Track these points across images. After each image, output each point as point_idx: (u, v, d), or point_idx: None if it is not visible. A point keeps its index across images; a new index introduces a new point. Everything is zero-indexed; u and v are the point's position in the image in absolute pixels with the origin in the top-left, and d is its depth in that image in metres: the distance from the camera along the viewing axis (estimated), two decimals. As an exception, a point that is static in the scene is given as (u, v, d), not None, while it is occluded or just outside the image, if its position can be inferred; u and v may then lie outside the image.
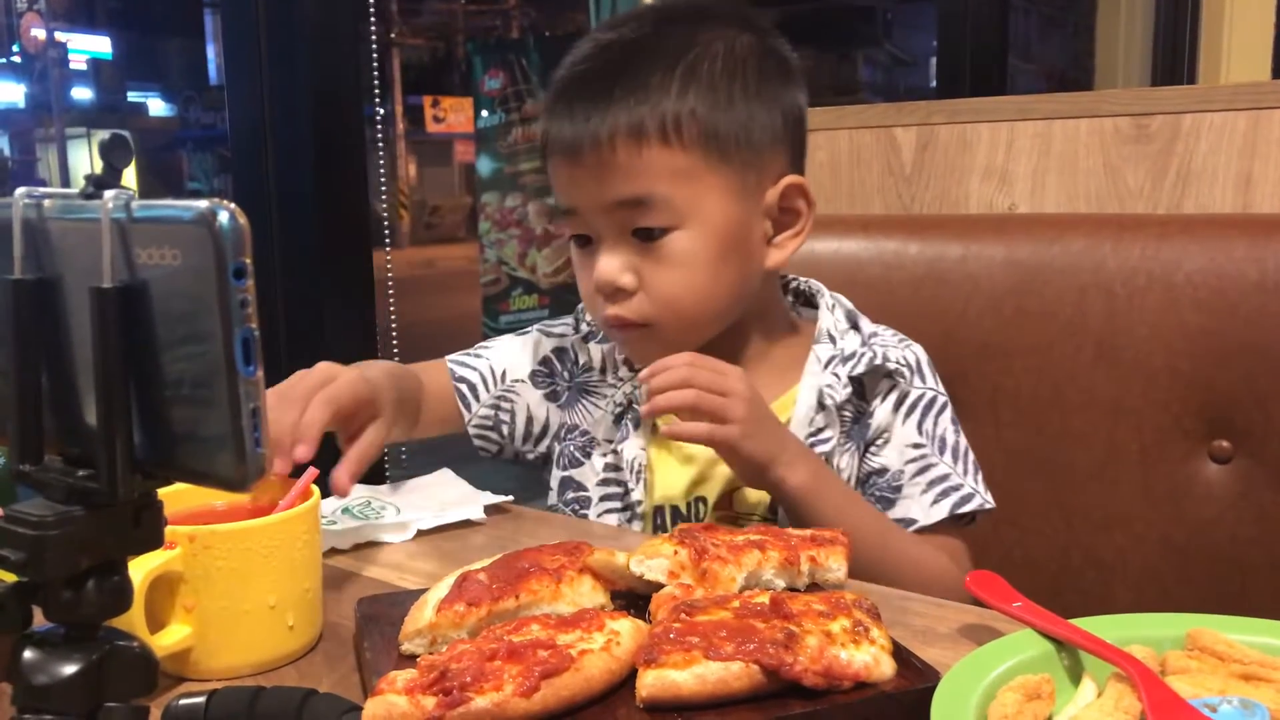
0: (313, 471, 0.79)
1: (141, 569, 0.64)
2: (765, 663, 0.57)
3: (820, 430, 1.00)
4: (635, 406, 1.06)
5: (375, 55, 1.52)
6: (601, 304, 0.99)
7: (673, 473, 1.03)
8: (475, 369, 1.12)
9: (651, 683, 0.57)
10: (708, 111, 0.96)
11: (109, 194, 0.44)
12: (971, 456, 1.04)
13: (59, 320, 0.47)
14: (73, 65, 10.39)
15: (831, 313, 1.08)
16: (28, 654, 0.46)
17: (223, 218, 0.41)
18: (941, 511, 0.99)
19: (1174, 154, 1.32)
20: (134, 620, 0.63)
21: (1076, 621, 0.65)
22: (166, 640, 0.67)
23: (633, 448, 1.04)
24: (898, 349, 1.05)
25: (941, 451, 1.01)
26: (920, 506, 0.99)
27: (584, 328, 1.14)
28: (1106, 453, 1.23)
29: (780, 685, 0.58)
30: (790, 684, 0.58)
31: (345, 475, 0.89)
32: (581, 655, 0.59)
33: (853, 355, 1.03)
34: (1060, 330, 1.25)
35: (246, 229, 0.42)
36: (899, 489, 1.00)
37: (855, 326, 1.08)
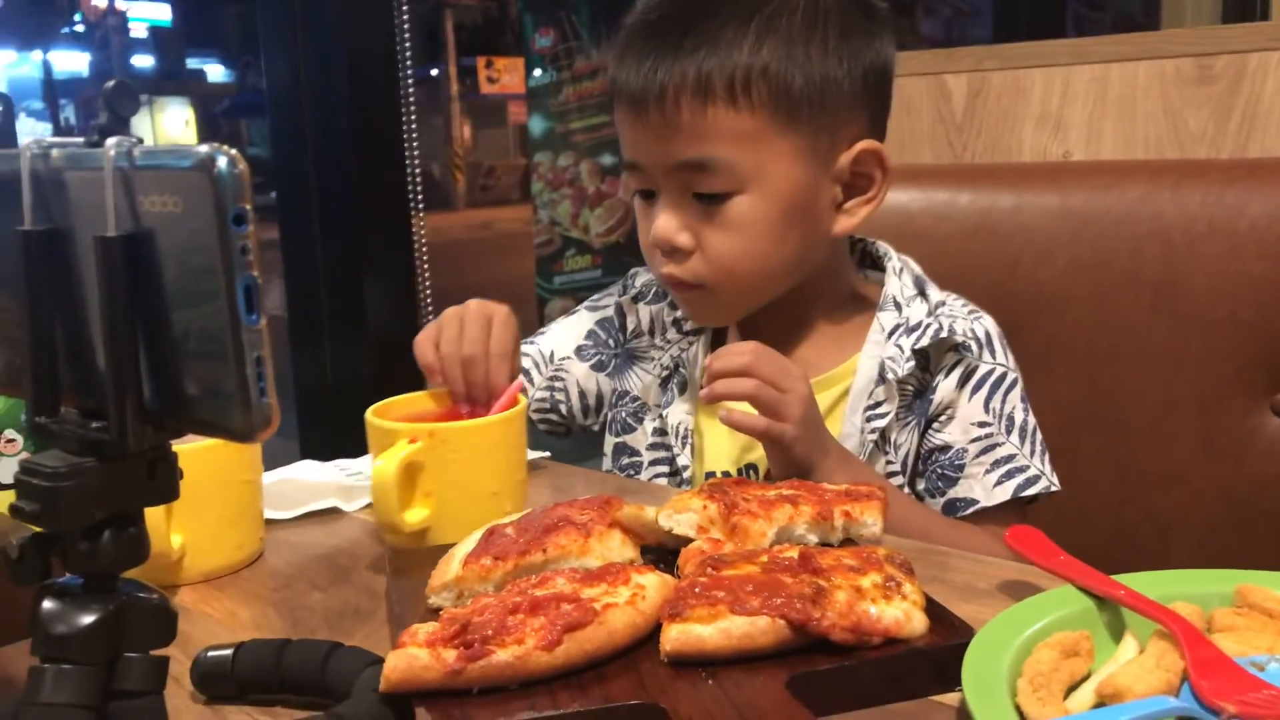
0: (519, 382, 0.89)
1: (394, 458, 0.74)
2: (792, 617, 0.56)
3: (879, 404, 0.97)
4: (682, 370, 1.05)
5: (406, 18, 1.49)
6: (659, 259, 0.97)
7: (722, 440, 1.02)
8: (529, 355, 1.11)
9: (676, 636, 0.56)
10: (781, 69, 0.91)
11: (111, 141, 0.43)
12: (1039, 436, 1.00)
13: (70, 271, 0.46)
14: (133, 33, 10.52)
15: (899, 278, 1.03)
16: (47, 604, 0.46)
17: (221, 163, 0.41)
18: (1005, 494, 0.96)
19: (1239, 95, 1.27)
20: (388, 502, 0.74)
21: (1119, 577, 0.63)
22: (411, 519, 0.77)
23: (679, 413, 1.03)
24: (966, 320, 1.00)
25: (1009, 431, 0.97)
26: (983, 487, 0.96)
27: (633, 289, 1.12)
28: (1164, 406, 1.19)
29: (807, 641, 0.57)
30: (818, 639, 0.57)
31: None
32: (606, 609, 0.58)
33: (918, 326, 0.98)
34: (1116, 281, 1.21)
35: (246, 174, 0.41)
36: (961, 467, 0.96)
37: (923, 294, 1.03)
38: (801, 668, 0.56)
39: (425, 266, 1.58)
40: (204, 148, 0.41)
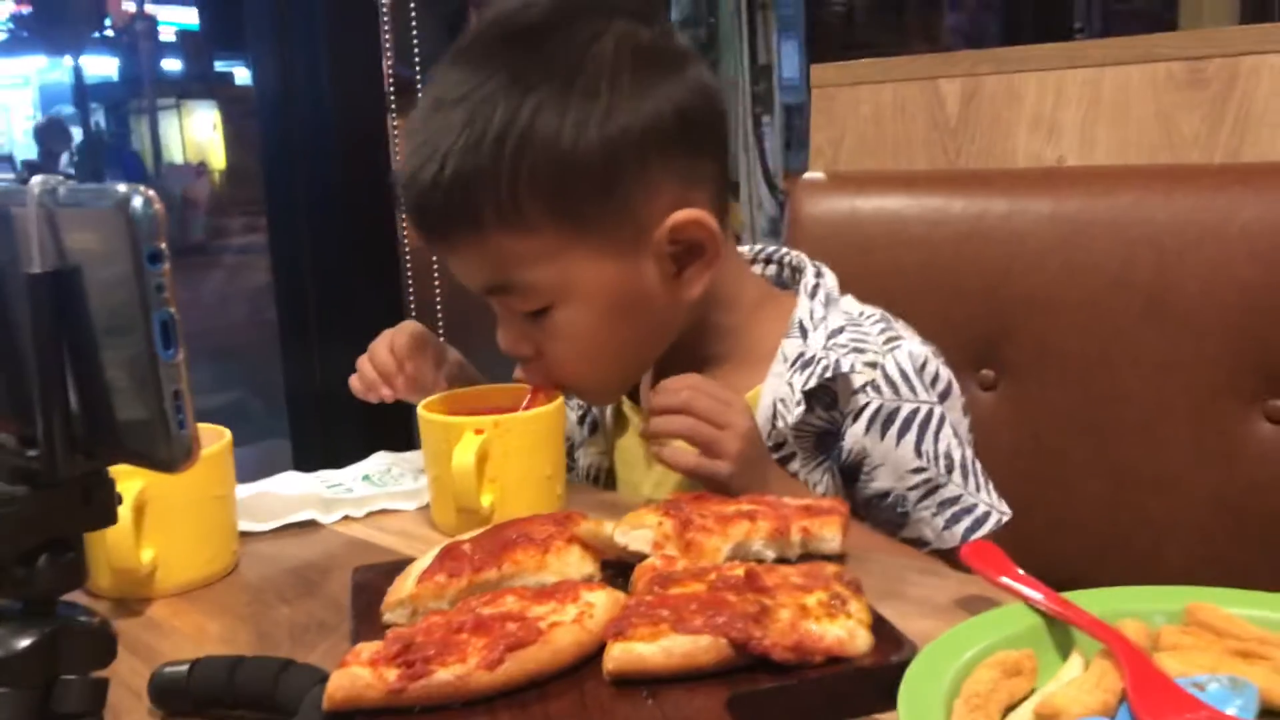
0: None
1: (469, 448, 0.82)
2: (733, 636, 0.57)
3: (781, 446, 0.92)
4: (593, 411, 1.04)
5: (387, 20, 1.50)
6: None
7: (641, 481, 1.00)
8: None
9: (618, 655, 0.57)
10: (549, 178, 0.82)
11: (35, 180, 0.44)
12: (979, 466, 0.95)
13: (6, 304, 0.48)
14: (161, 37, 10.63)
15: (810, 298, 0.96)
16: (-16, 628, 0.47)
17: (136, 203, 0.42)
18: (955, 538, 0.91)
19: (1232, 99, 1.25)
20: (469, 488, 0.82)
21: (1073, 595, 0.63)
22: (484, 502, 0.84)
23: (589, 454, 1.03)
24: (874, 352, 0.91)
25: (949, 471, 0.92)
26: (933, 529, 0.92)
27: None
28: (1155, 412, 1.18)
29: (750, 659, 0.57)
30: (761, 658, 0.57)
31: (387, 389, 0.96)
32: (551, 628, 0.59)
33: (812, 360, 0.91)
34: (1107, 286, 1.21)
35: (161, 214, 0.42)
36: (905, 514, 0.92)
37: (828, 319, 0.94)
38: (744, 687, 0.57)
39: (411, 271, 1.60)
40: (121, 187, 0.42)
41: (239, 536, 0.84)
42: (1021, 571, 0.66)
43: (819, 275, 0.99)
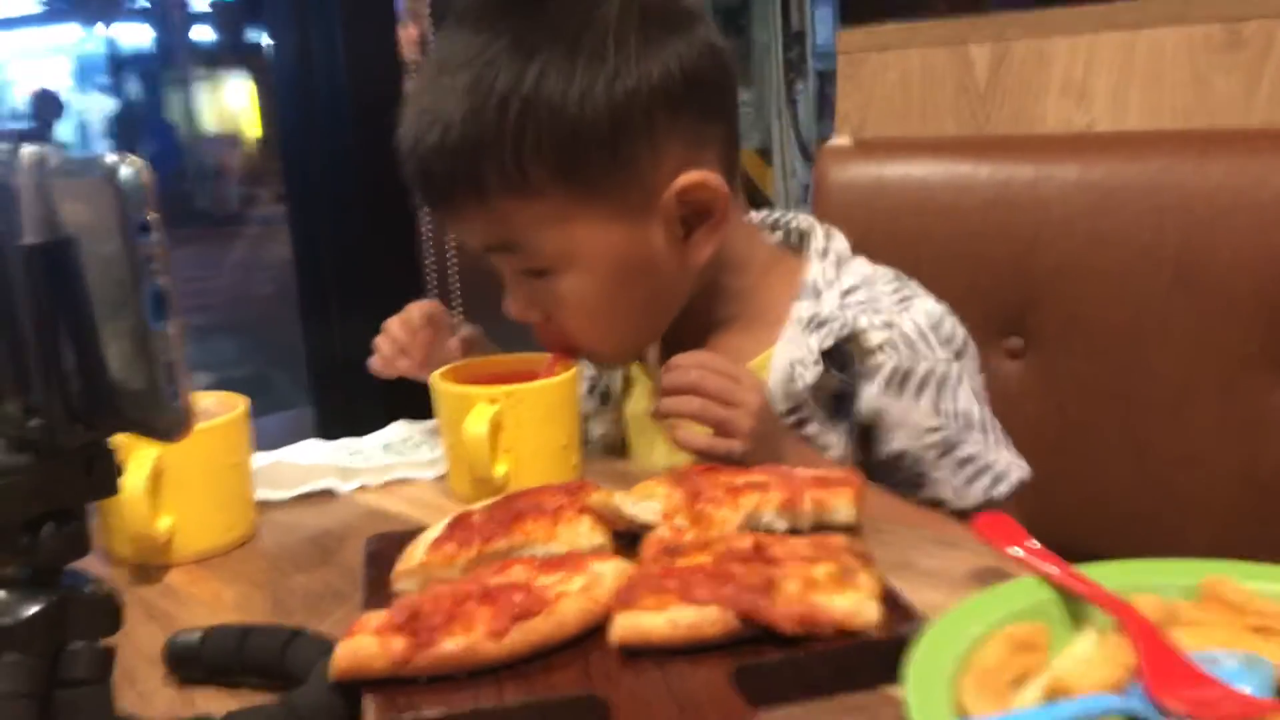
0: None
1: (482, 418, 0.81)
2: (739, 608, 0.56)
3: (797, 410, 0.91)
4: (604, 380, 1.04)
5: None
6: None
7: (654, 452, 1.01)
8: None
9: (624, 626, 0.57)
10: (555, 142, 0.81)
11: (26, 151, 0.44)
12: (997, 424, 0.94)
13: (6, 274, 0.47)
14: (194, 8, 10.66)
15: (821, 260, 0.95)
16: (-8, 596, 0.48)
17: (124, 173, 0.41)
18: (975, 496, 0.91)
19: (1270, 61, 1.22)
20: (481, 457, 0.82)
21: (1087, 568, 0.62)
22: (498, 472, 0.84)
23: (602, 424, 1.03)
24: (890, 311, 0.91)
25: (968, 429, 0.91)
26: (952, 489, 0.91)
27: None
28: (1184, 384, 1.17)
29: (756, 631, 0.57)
30: (767, 630, 0.57)
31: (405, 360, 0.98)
32: (558, 598, 0.58)
33: (827, 320, 0.90)
34: (1136, 255, 1.18)
35: (150, 184, 0.42)
36: (923, 474, 0.91)
37: (840, 279, 0.94)
38: (750, 659, 0.56)
39: (428, 239, 1.59)
40: (110, 157, 0.42)
41: (257, 505, 0.84)
42: (1035, 544, 0.65)
43: (828, 237, 0.98)
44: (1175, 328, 1.16)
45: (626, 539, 0.70)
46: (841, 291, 0.93)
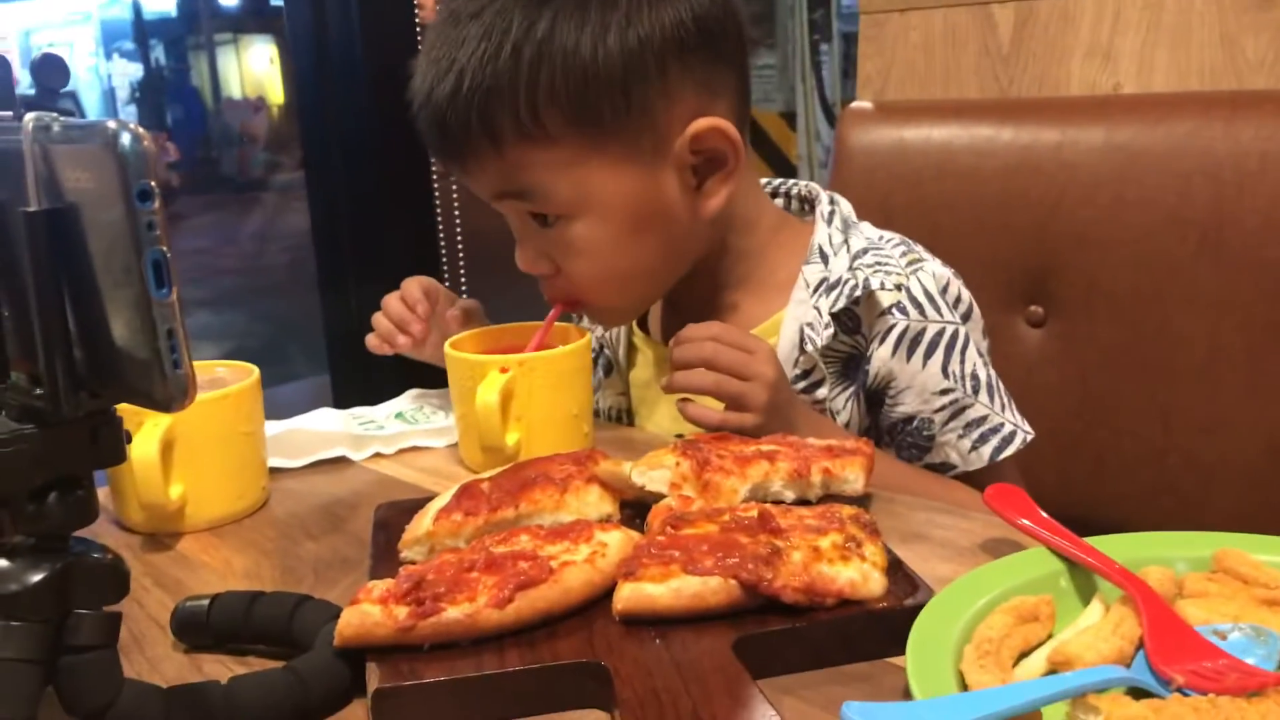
0: (557, 309, 0.92)
1: (494, 386, 0.81)
2: (743, 578, 0.56)
3: (808, 374, 0.92)
4: (606, 351, 1.04)
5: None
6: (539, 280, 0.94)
7: (664, 420, 1.01)
8: None
9: (627, 595, 0.57)
10: (568, 86, 0.81)
11: (29, 117, 0.44)
12: (1002, 386, 0.94)
13: (7, 242, 0.48)
14: (220, -28, 10.65)
15: (828, 224, 0.95)
16: (-2, 563, 0.48)
17: (124, 140, 0.41)
18: (983, 458, 0.91)
19: (1301, 20, 1.19)
20: (492, 425, 0.81)
21: (1097, 540, 0.62)
22: (509, 441, 0.84)
23: (609, 395, 1.02)
24: (898, 273, 0.90)
25: (975, 391, 0.91)
26: (959, 452, 0.91)
27: None
28: (1209, 351, 1.15)
29: (760, 601, 0.57)
30: (771, 600, 0.57)
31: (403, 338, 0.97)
32: (563, 567, 0.58)
33: (838, 283, 0.91)
34: (1162, 220, 1.17)
35: (151, 150, 0.42)
36: (931, 436, 0.91)
37: (848, 241, 0.94)
38: (753, 628, 0.56)
39: (440, 207, 1.58)
40: (111, 124, 0.42)
41: (270, 473, 0.85)
42: (1045, 515, 0.64)
43: (833, 202, 0.98)
44: (1201, 294, 1.14)
45: (636, 508, 0.70)
46: (851, 254, 0.93)
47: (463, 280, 1.70)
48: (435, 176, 1.58)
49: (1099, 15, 1.30)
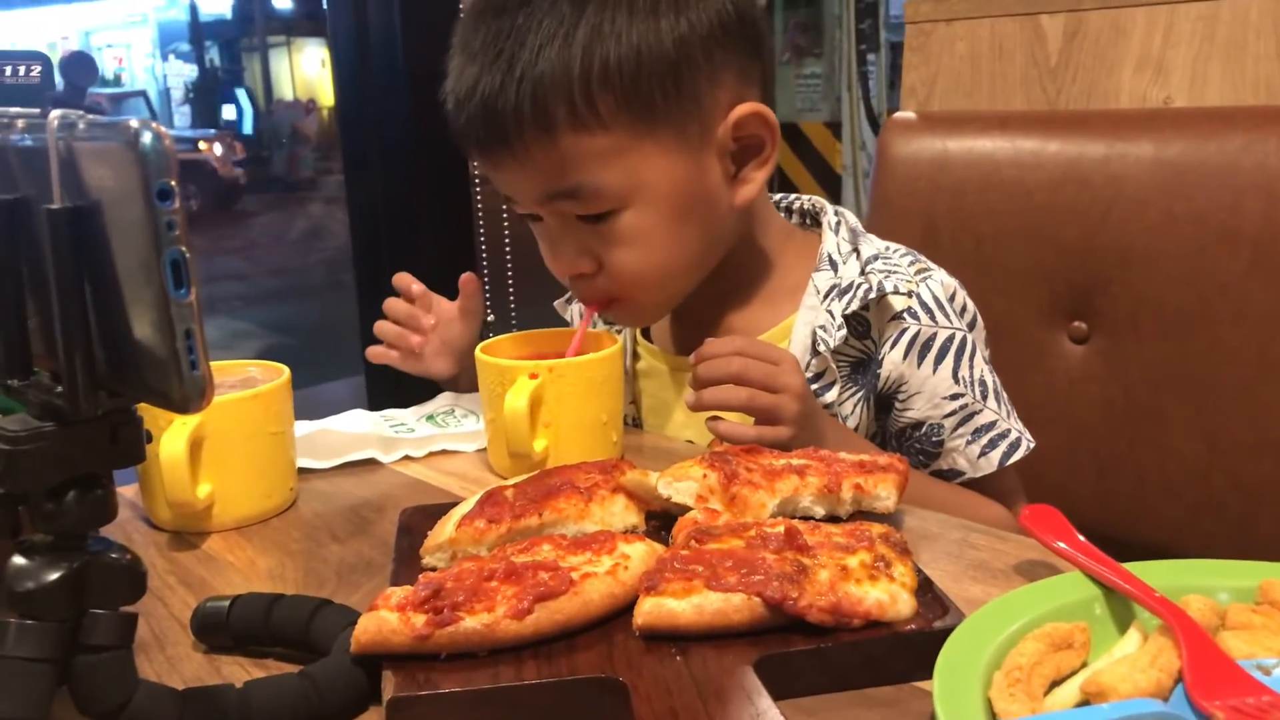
0: (591, 311, 0.93)
1: (523, 391, 0.81)
2: (767, 596, 0.55)
3: (819, 377, 0.92)
4: None
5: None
6: (569, 282, 0.93)
7: (675, 426, 1.00)
8: None
9: (649, 610, 0.56)
10: (621, 72, 0.82)
11: (54, 114, 0.44)
12: (1005, 394, 0.96)
13: (34, 240, 0.48)
14: (274, -25, 10.79)
15: (835, 234, 0.97)
16: (15, 561, 0.48)
17: (145, 139, 0.41)
18: (991, 464, 0.92)
19: (1362, 34, 1.16)
20: (520, 431, 0.81)
21: (1136, 566, 0.60)
22: (537, 446, 0.83)
23: None
24: (908, 279, 0.92)
25: (984, 397, 0.92)
26: (967, 458, 0.92)
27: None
28: (1258, 371, 1.12)
29: (784, 620, 0.55)
30: (794, 619, 0.55)
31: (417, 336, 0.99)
32: (584, 579, 0.57)
33: (850, 288, 0.92)
34: (1212, 236, 1.14)
35: (171, 149, 0.41)
36: (940, 442, 0.92)
37: (857, 250, 0.96)
38: (776, 648, 0.55)
39: (482, 210, 1.58)
40: (133, 123, 0.41)
41: (299, 473, 0.85)
42: (1082, 538, 0.62)
43: (839, 214, 1.00)
44: (1251, 311, 1.11)
45: (662, 519, 0.69)
46: (862, 260, 0.95)
47: (510, 286, 1.70)
48: (476, 182, 1.58)
49: (1150, 27, 1.27)
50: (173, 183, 0.41)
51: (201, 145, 9.40)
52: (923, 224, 1.34)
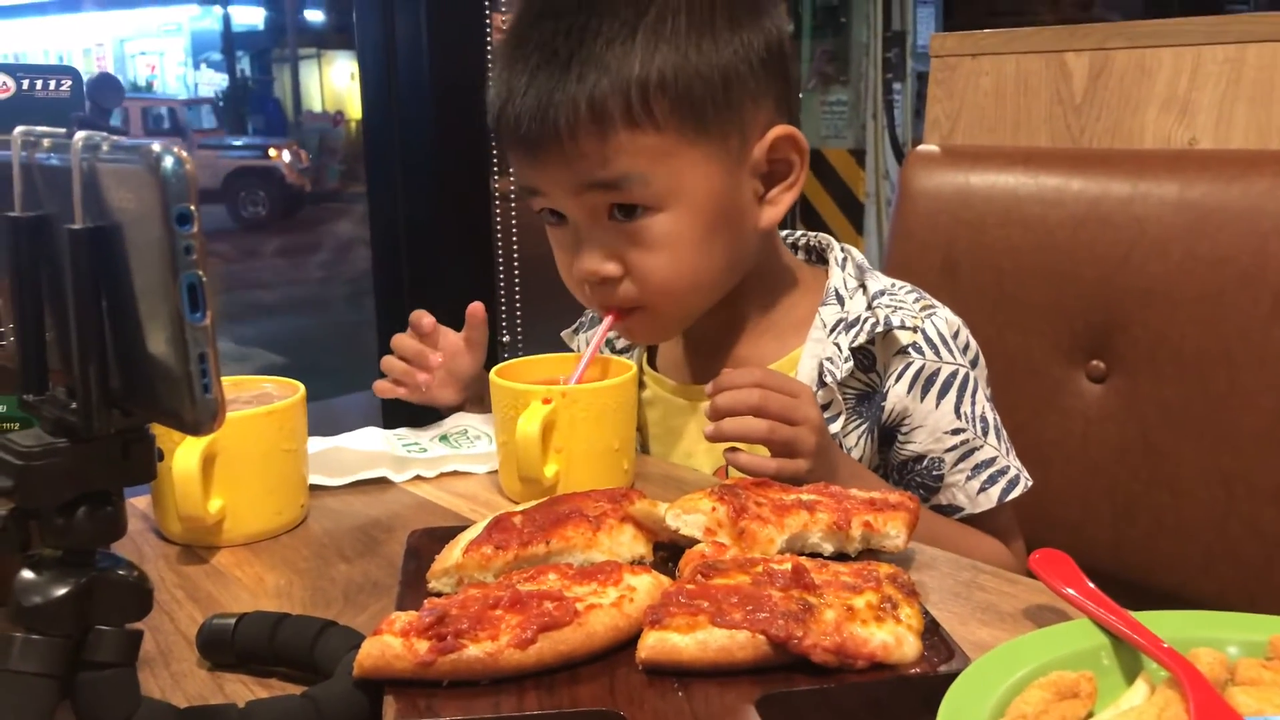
0: (612, 318, 0.93)
1: (535, 416, 0.81)
2: (772, 634, 0.55)
3: (825, 407, 0.92)
4: None
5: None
6: (588, 291, 0.94)
7: (684, 455, 1.01)
8: None
9: (652, 644, 0.55)
10: (679, 78, 0.85)
11: (79, 135, 0.44)
12: (1005, 432, 0.97)
13: (55, 258, 0.48)
14: (306, -11, 10.90)
15: (842, 269, 0.99)
16: (24, 575, 0.48)
17: (167, 162, 0.41)
18: (990, 500, 0.93)
19: (1390, 81, 1.15)
20: (531, 456, 0.81)
21: (1146, 615, 0.59)
22: (548, 472, 0.83)
23: None
24: (913, 315, 0.94)
25: (985, 433, 0.94)
26: (966, 494, 0.93)
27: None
28: (1278, 417, 1.11)
29: (788, 659, 0.55)
30: (799, 659, 0.55)
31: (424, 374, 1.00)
32: (588, 610, 0.57)
33: (856, 321, 0.94)
34: (1235, 279, 1.13)
35: (192, 174, 0.42)
36: (940, 476, 0.93)
37: (863, 285, 0.98)
38: (779, 687, 0.54)
39: (500, 228, 1.59)
40: (155, 146, 0.42)
41: (309, 490, 0.85)
42: (1092, 585, 0.62)
43: (845, 251, 1.02)
44: (1272, 356, 1.11)
45: (670, 549, 0.69)
46: (869, 295, 0.96)
47: (519, 304, 1.70)
48: (496, 200, 1.59)
49: (1177, 68, 1.27)
50: (192, 207, 0.42)
51: (271, 152, 9.44)
52: (943, 257, 1.33)
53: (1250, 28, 1.23)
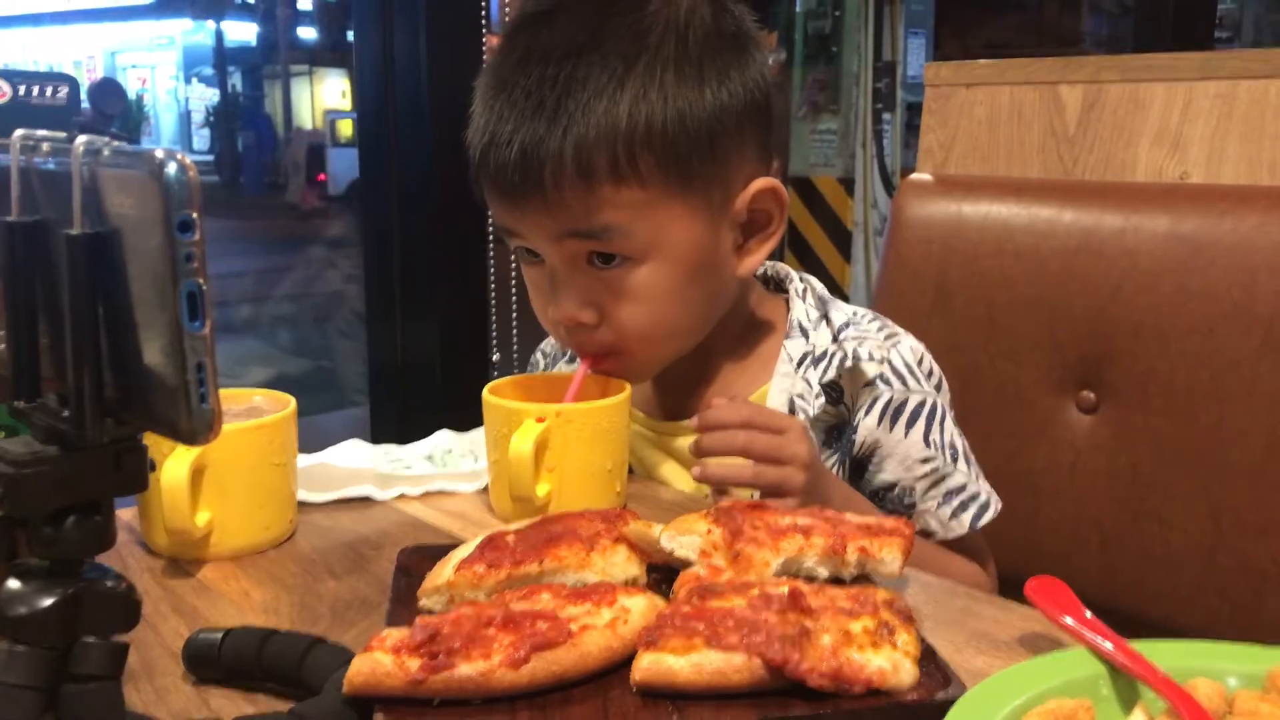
0: (586, 364, 0.91)
1: (528, 436, 0.80)
2: (769, 658, 0.54)
3: None
4: None
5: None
6: (563, 333, 0.93)
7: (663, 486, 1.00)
8: None
9: (647, 666, 0.55)
10: (665, 132, 0.84)
11: (79, 140, 0.44)
12: (973, 457, 0.97)
13: (51, 263, 0.47)
14: (299, 6, 10.90)
15: (803, 300, 0.99)
16: (10, 584, 0.48)
17: (170, 169, 0.41)
18: (963, 526, 0.93)
19: (1380, 120, 1.16)
20: (523, 476, 0.80)
21: (1144, 644, 0.59)
22: (540, 492, 0.82)
23: None
24: (878, 346, 0.94)
25: (954, 460, 0.94)
26: (938, 520, 0.93)
27: (538, 362, 1.12)
28: (1267, 450, 1.11)
29: (784, 683, 0.54)
30: (795, 683, 0.54)
31: None
32: (582, 630, 0.57)
33: (824, 355, 0.94)
34: (1225, 314, 1.14)
35: (195, 181, 0.41)
36: (912, 505, 0.94)
37: (826, 317, 0.97)
38: (774, 711, 0.54)
39: (494, 250, 1.59)
40: (158, 153, 0.41)
41: (298, 505, 0.84)
42: (1089, 614, 0.62)
43: (804, 280, 1.02)
44: (1262, 392, 1.11)
45: (664, 571, 0.68)
46: (834, 328, 0.96)
47: (513, 322, 1.70)
48: (490, 218, 1.58)
49: (1169, 102, 1.28)
50: (195, 214, 0.41)
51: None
52: (935, 286, 1.34)
53: (1243, 64, 1.24)
